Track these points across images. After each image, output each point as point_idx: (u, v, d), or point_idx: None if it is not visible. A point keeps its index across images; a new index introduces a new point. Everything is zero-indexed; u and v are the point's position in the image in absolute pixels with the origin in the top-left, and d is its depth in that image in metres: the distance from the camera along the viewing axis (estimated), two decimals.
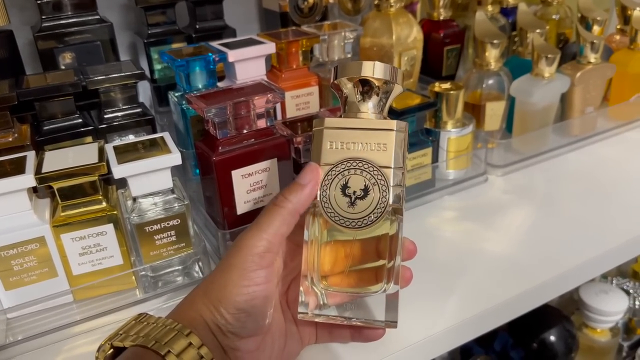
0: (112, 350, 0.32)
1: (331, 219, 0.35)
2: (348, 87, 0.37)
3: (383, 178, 0.35)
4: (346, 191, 0.35)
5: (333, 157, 0.36)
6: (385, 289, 0.36)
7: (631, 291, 0.93)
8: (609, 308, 0.83)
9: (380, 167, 0.35)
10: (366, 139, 0.35)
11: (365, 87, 0.36)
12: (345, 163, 0.35)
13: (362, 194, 0.35)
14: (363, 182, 0.35)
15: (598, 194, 0.61)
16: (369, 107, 0.37)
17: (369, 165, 0.35)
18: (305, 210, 0.36)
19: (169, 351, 0.30)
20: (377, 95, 0.36)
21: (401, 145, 0.35)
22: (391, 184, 0.35)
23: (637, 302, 0.93)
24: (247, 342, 0.34)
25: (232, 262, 0.34)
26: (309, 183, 0.35)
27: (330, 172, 0.35)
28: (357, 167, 0.35)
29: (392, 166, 0.35)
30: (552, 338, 0.81)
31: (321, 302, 0.37)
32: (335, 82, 0.37)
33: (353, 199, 0.35)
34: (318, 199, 0.35)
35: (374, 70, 0.36)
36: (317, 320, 0.37)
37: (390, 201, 0.35)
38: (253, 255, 0.34)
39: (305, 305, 0.36)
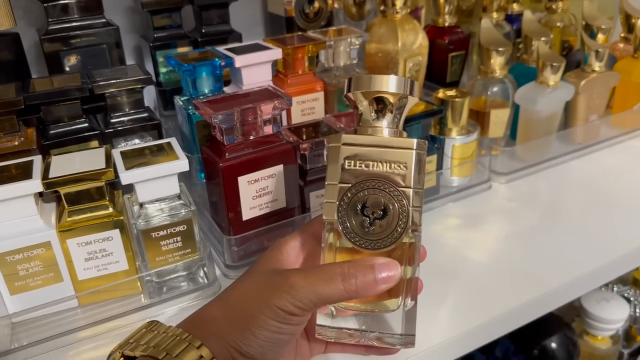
0: (122, 359, 0.32)
1: (349, 239, 0.34)
2: (364, 105, 0.35)
3: (403, 198, 0.34)
4: (365, 211, 0.34)
5: (350, 176, 0.34)
6: (404, 305, 0.35)
7: (632, 299, 0.93)
8: (610, 316, 0.83)
9: (399, 187, 0.34)
10: (385, 157, 0.34)
11: (380, 104, 0.35)
12: (363, 182, 0.34)
13: (381, 214, 0.34)
14: (382, 203, 0.34)
15: (601, 202, 0.61)
16: (385, 123, 0.35)
17: (389, 185, 0.34)
18: (317, 221, 0.36)
19: None
20: (392, 112, 0.35)
21: (420, 164, 0.34)
22: (411, 205, 0.34)
23: (637, 310, 0.93)
24: None
25: (271, 299, 0.32)
26: (383, 284, 0.33)
27: (348, 192, 0.34)
28: (376, 186, 0.34)
29: (412, 186, 0.34)
30: (553, 345, 0.82)
31: (331, 315, 0.36)
32: (350, 95, 0.36)
33: (372, 219, 0.34)
34: (336, 218, 0.34)
35: (389, 85, 0.34)
36: (331, 338, 0.36)
37: (410, 222, 0.34)
38: (295, 306, 0.32)
39: (322, 322, 0.36)
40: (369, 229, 0.34)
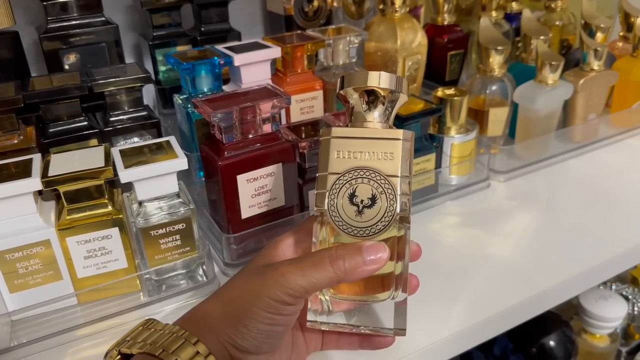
0: (119, 356, 0.32)
1: (339, 228, 0.35)
2: (354, 98, 0.37)
3: (390, 187, 0.35)
4: (354, 200, 0.35)
5: (340, 166, 0.36)
6: (394, 297, 0.36)
7: (630, 297, 0.93)
8: (608, 314, 0.84)
9: (387, 176, 0.35)
10: (373, 148, 0.36)
11: (371, 96, 0.37)
12: (352, 172, 0.35)
13: (370, 202, 0.35)
14: (370, 191, 0.35)
15: (599, 201, 0.62)
16: (375, 116, 0.37)
17: (376, 174, 0.35)
18: (313, 219, 0.36)
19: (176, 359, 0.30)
20: (383, 104, 0.37)
21: (408, 154, 0.36)
22: (398, 193, 0.35)
23: (636, 308, 0.94)
24: (258, 357, 0.34)
25: (262, 291, 0.32)
26: (371, 265, 0.33)
27: (337, 181, 0.36)
28: (364, 176, 0.35)
29: (399, 175, 0.35)
30: (552, 343, 0.82)
31: (326, 309, 0.37)
32: (341, 92, 0.37)
33: (361, 207, 0.35)
34: (326, 207, 0.35)
35: (379, 80, 0.36)
36: (324, 328, 0.37)
37: (398, 210, 0.35)
38: (286, 295, 0.32)
39: (313, 312, 0.37)
40: (359, 217, 0.35)
